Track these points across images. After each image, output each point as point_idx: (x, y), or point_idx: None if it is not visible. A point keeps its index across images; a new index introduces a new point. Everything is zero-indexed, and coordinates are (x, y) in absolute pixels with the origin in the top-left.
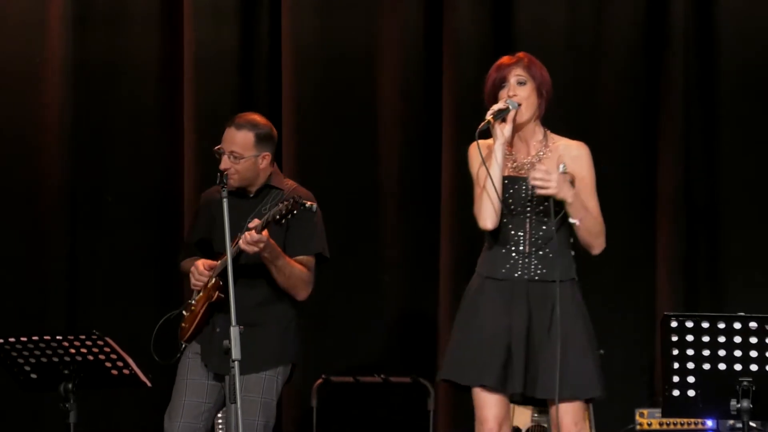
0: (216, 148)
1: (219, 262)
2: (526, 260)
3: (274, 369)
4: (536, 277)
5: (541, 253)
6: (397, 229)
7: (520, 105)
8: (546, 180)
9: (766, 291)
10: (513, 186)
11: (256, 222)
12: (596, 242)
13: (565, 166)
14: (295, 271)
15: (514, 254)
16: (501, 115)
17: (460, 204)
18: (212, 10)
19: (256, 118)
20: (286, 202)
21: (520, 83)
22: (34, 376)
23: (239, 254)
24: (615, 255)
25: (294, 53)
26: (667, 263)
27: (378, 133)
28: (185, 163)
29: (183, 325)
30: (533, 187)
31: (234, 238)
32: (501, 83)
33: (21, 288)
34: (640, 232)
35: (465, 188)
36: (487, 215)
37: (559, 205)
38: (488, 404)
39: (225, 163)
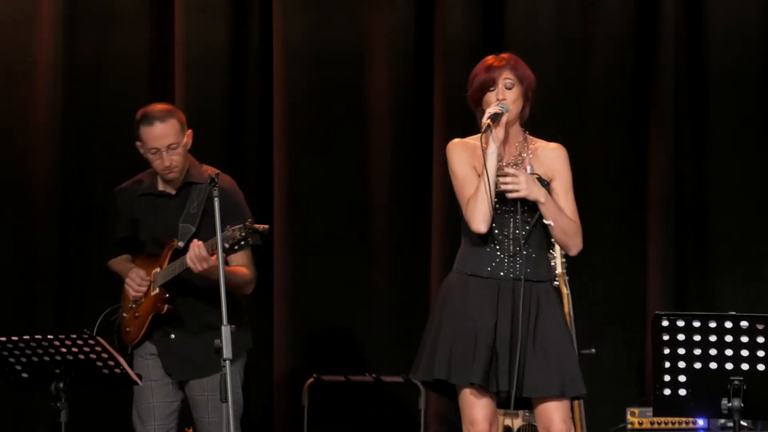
0: (149, 148)
1: (157, 270)
2: (512, 259)
3: (234, 364)
4: (521, 276)
5: (525, 253)
6: (388, 227)
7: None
8: (515, 182)
9: (756, 290)
10: (497, 186)
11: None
12: (572, 243)
13: (532, 167)
14: (239, 277)
15: (499, 253)
16: (496, 119)
17: (450, 202)
18: (202, 8)
19: (165, 105)
20: (239, 229)
21: (508, 87)
22: (25, 375)
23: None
24: (605, 254)
25: (285, 51)
26: (658, 263)
27: (369, 131)
28: None
29: (127, 329)
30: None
31: (162, 241)
32: (489, 86)
33: (10, 287)
34: (630, 231)
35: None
36: (481, 218)
37: (534, 207)
38: (477, 405)
39: (167, 159)
